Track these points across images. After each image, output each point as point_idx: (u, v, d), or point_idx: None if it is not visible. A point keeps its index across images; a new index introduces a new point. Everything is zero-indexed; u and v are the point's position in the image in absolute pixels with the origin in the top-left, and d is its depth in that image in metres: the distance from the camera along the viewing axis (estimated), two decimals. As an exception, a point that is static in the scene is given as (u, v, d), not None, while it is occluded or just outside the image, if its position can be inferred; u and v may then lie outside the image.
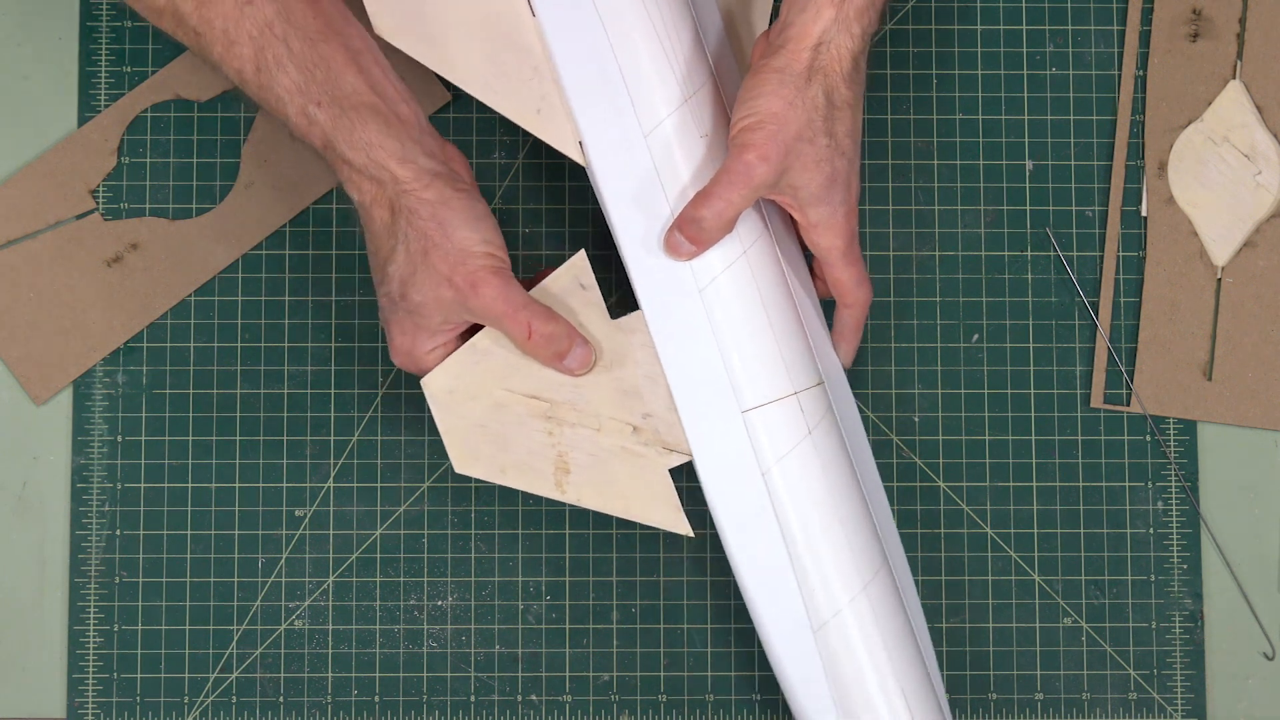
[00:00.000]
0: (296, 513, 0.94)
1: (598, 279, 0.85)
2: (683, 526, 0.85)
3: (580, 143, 0.85)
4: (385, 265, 0.82)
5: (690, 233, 0.83)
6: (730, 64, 0.89)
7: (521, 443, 0.84)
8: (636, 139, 0.84)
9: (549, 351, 0.83)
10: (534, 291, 0.85)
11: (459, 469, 0.85)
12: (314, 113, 0.79)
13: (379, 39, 0.83)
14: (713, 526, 0.93)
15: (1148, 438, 0.95)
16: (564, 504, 0.94)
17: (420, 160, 0.80)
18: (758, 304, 0.84)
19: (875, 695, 0.83)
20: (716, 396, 0.84)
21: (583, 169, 0.86)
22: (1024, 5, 0.97)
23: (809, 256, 0.89)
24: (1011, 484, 0.95)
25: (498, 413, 0.85)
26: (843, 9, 0.81)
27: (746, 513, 0.84)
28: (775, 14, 0.90)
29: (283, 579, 0.94)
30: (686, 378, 0.84)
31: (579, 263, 0.85)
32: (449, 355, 0.84)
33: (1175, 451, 0.95)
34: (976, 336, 0.96)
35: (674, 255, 0.84)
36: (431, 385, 0.84)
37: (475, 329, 0.85)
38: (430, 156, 0.81)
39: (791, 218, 0.87)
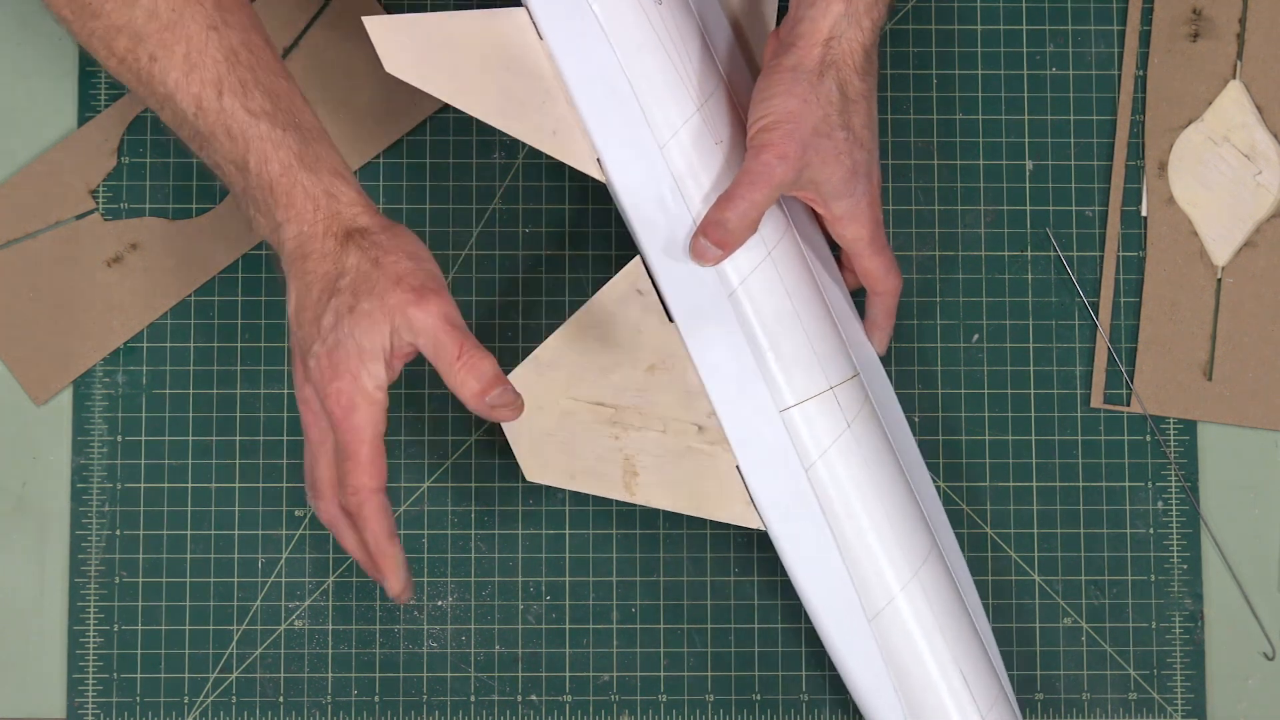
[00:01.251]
0: (296, 513, 0.94)
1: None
2: (753, 520, 0.86)
3: (599, 160, 0.85)
4: (329, 294, 0.78)
5: (715, 236, 0.82)
6: (741, 67, 0.89)
7: (589, 448, 0.86)
8: (653, 151, 0.85)
9: (474, 381, 0.78)
10: (591, 303, 0.85)
11: (530, 478, 0.86)
12: (281, 137, 0.78)
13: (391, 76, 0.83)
14: (713, 527, 0.94)
15: (1148, 438, 0.95)
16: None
17: (372, 203, 0.81)
18: (786, 303, 0.85)
19: (935, 677, 0.85)
20: (754, 398, 0.85)
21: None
22: (1024, 5, 0.97)
23: (836, 249, 0.89)
24: (1011, 484, 0.95)
25: (565, 421, 0.86)
26: (852, 3, 0.81)
27: (793, 510, 0.85)
28: (781, 12, 0.91)
29: (283, 579, 0.94)
30: (723, 381, 0.85)
31: (634, 269, 0.86)
32: (391, 370, 0.80)
33: (1175, 451, 0.95)
34: (976, 336, 0.96)
35: (700, 260, 0.84)
36: None
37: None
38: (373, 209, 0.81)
39: (815, 212, 0.87)
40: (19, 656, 0.94)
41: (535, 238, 0.96)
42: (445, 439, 0.94)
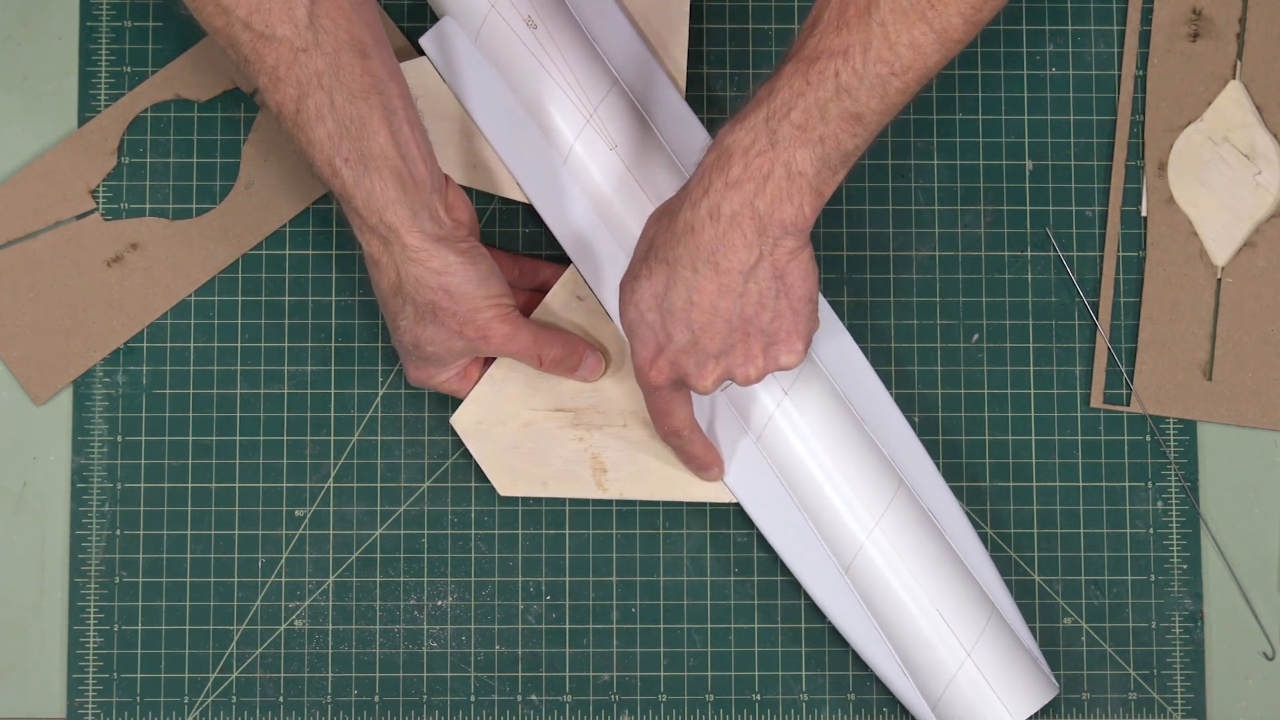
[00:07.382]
0: (296, 513, 0.94)
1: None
2: (724, 495, 0.90)
3: (519, 184, 0.90)
4: (395, 319, 0.85)
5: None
6: (644, 60, 0.91)
7: (556, 454, 0.90)
8: (558, 168, 0.90)
9: (562, 370, 0.89)
10: (538, 310, 0.90)
11: (503, 492, 0.90)
12: (339, 166, 0.80)
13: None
14: (712, 525, 0.94)
15: (1148, 438, 0.95)
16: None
17: (427, 226, 0.82)
18: None
19: (913, 616, 0.88)
20: None
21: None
22: (1024, 5, 0.97)
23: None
24: (1011, 484, 0.95)
25: (528, 432, 0.90)
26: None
27: (755, 480, 0.90)
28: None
29: (283, 579, 0.94)
30: None
31: (570, 278, 0.90)
32: (464, 379, 0.89)
33: (1175, 451, 0.95)
34: (976, 336, 0.96)
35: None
36: (460, 421, 0.90)
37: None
38: (435, 220, 0.82)
39: None
40: (19, 656, 0.94)
41: (535, 237, 0.96)
42: (445, 439, 0.94)
